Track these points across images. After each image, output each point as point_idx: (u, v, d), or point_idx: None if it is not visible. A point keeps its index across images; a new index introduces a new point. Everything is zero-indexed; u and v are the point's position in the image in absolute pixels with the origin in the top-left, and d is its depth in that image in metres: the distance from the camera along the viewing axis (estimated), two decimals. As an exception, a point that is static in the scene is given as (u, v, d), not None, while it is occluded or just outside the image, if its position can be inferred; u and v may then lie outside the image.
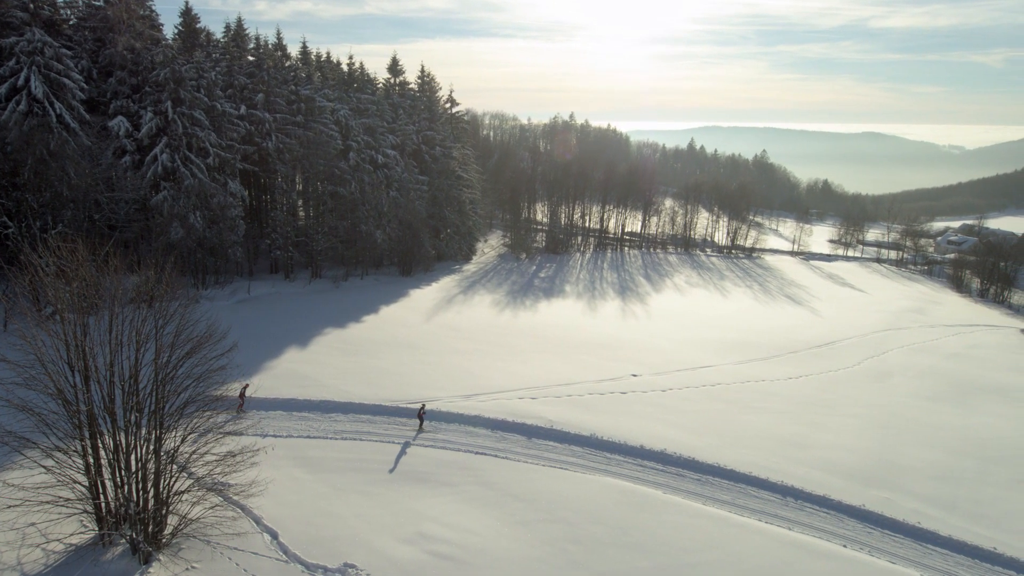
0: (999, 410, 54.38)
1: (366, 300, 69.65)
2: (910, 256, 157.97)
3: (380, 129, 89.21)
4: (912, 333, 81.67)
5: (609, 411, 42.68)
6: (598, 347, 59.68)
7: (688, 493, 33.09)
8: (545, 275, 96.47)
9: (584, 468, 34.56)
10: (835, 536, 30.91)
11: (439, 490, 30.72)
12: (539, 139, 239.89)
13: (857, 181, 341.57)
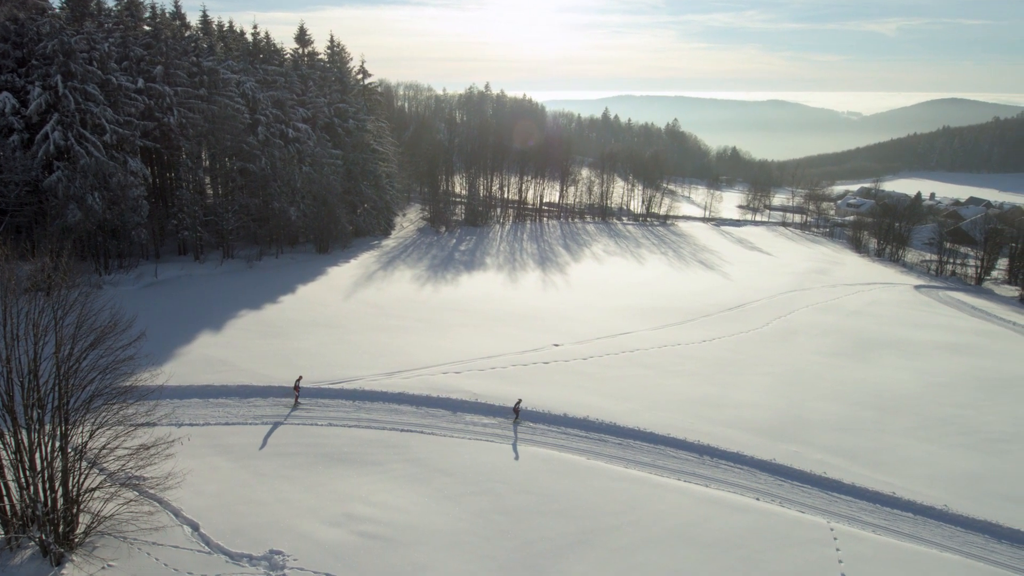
0: (895, 363, 58.14)
1: (282, 280, 67.87)
2: (813, 219, 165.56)
3: (290, 102, 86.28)
4: (816, 293, 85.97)
5: (532, 381, 43.33)
6: (520, 318, 60.24)
7: (610, 458, 34.12)
8: (466, 248, 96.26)
9: (510, 439, 35.08)
10: (749, 490, 32.59)
11: (365, 469, 30.60)
12: (455, 110, 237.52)
13: (764, 148, 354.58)
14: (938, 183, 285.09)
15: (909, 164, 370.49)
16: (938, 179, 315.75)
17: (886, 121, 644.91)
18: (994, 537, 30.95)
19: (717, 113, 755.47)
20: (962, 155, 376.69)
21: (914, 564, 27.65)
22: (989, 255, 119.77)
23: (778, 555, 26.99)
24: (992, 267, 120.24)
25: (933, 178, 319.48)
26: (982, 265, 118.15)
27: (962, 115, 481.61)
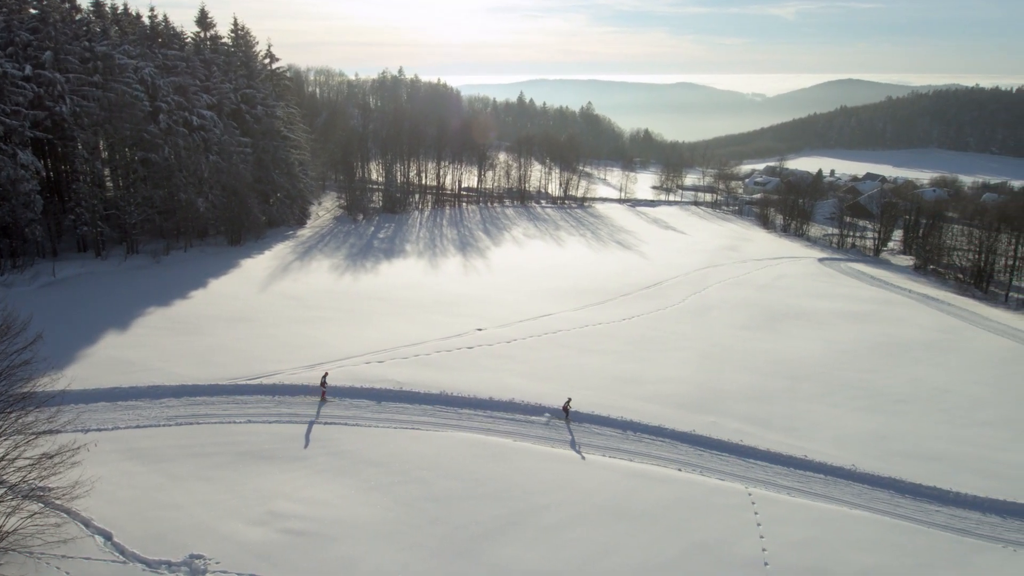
0: (803, 333, 60.94)
1: (192, 274, 65.14)
2: (723, 198, 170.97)
3: (193, 88, 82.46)
4: (728, 269, 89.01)
5: (457, 367, 43.21)
6: (443, 305, 59.90)
7: (537, 438, 34.47)
8: (384, 236, 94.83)
9: (436, 426, 34.91)
10: (671, 461, 33.57)
11: (288, 466, 29.85)
12: (368, 95, 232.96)
13: (675, 129, 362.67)
14: (837, 160, 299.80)
15: (810, 143, 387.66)
16: (837, 156, 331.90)
17: (788, 102, 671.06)
18: (898, 492, 32.99)
19: (629, 96, 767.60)
20: (859, 133, 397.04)
21: (826, 522, 29.16)
22: (885, 227, 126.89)
23: (701, 522, 27.96)
24: (888, 239, 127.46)
25: (833, 156, 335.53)
26: (879, 237, 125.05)
27: (858, 95, 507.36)
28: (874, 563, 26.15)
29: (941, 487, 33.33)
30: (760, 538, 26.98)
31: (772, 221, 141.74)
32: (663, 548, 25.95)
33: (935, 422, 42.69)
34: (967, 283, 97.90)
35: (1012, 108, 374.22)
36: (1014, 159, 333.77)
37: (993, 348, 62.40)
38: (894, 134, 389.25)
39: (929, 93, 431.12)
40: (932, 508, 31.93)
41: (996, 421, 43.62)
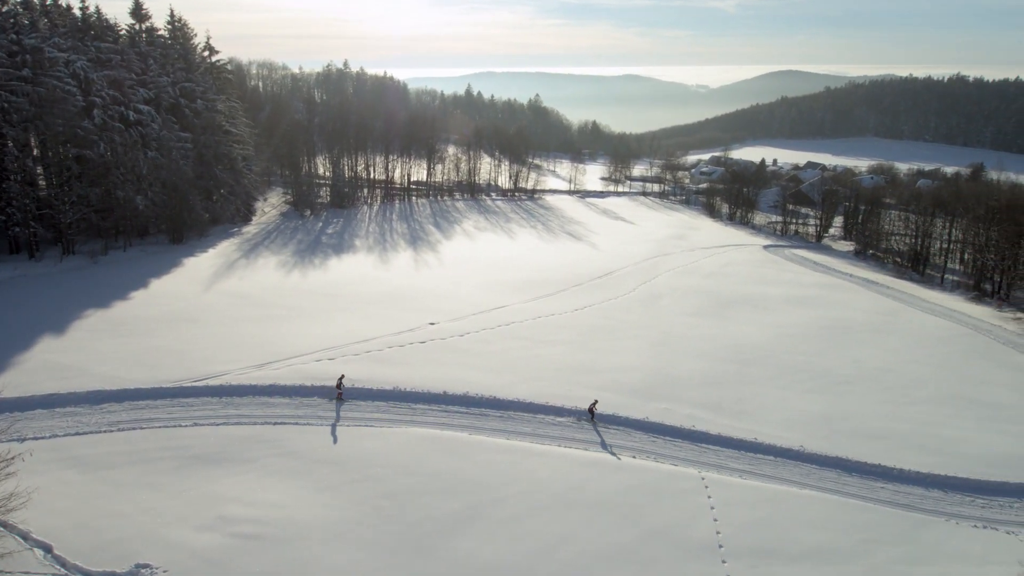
0: (751, 318, 62.19)
1: (133, 274, 62.96)
2: (670, 188, 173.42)
3: (128, 82, 79.55)
4: (676, 258, 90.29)
5: (410, 362, 42.77)
6: (394, 299, 59.23)
7: (492, 431, 34.35)
8: (333, 231, 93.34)
9: (390, 422, 34.48)
10: (625, 449, 33.86)
11: (238, 468, 29.07)
12: (314, 89, 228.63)
13: (622, 121, 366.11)
14: (780, 150, 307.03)
15: (753, 133, 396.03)
16: (779, 146, 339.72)
17: (731, 93, 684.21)
18: (845, 471, 33.94)
19: (576, 88, 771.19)
20: (799, 123, 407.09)
21: (776, 502, 29.79)
22: (826, 214, 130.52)
23: (656, 508, 28.26)
24: (830, 225, 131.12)
25: (775, 145, 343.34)
26: (821, 224, 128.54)
27: (798, 86, 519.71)
28: (823, 541, 26.83)
29: (885, 464, 34.41)
30: (714, 521, 27.41)
31: (718, 210, 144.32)
32: (619, 535, 26.13)
33: (878, 401, 44.05)
34: (905, 266, 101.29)
35: (943, 97, 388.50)
36: (946, 146, 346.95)
37: (930, 328, 64.71)
38: (833, 123, 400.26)
39: (865, 83, 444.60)
40: (877, 485, 32.93)
41: (935, 399, 45.25)
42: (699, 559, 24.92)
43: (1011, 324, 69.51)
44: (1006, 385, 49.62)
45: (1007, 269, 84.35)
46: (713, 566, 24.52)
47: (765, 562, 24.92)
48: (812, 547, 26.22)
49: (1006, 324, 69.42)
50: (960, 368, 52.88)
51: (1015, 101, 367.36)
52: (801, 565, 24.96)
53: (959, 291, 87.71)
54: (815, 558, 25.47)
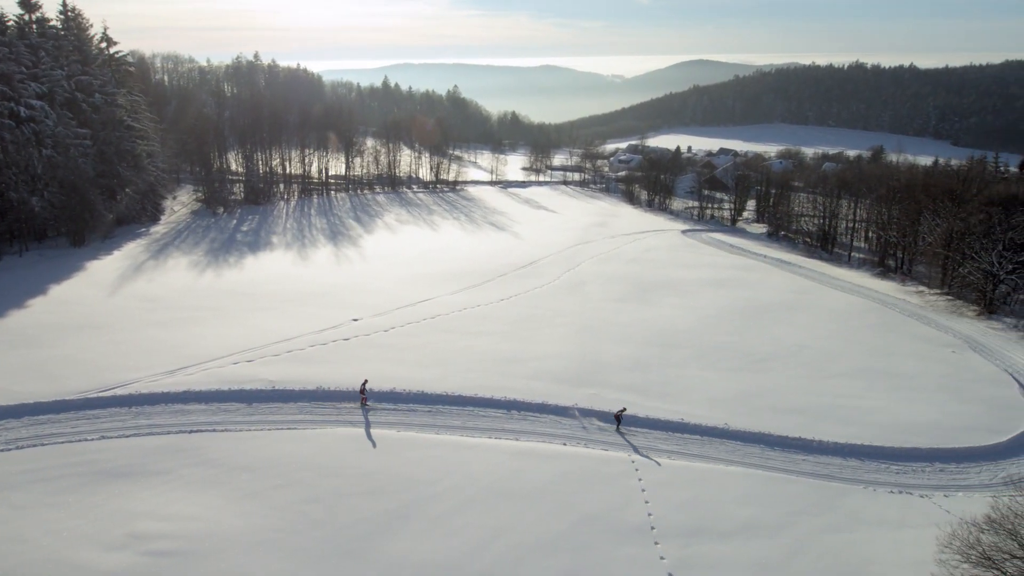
0: (672, 302, 63.37)
1: (30, 280, 58.83)
2: (591, 177, 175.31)
3: (18, 76, 74.16)
4: (598, 245, 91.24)
5: (333, 360, 41.50)
6: (315, 296, 57.48)
7: (421, 426, 33.64)
8: (248, 228, 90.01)
9: (314, 423, 33.30)
10: (556, 437, 33.76)
11: (150, 481, 27.40)
12: (223, 82, 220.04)
13: (540, 111, 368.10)
14: (694, 137, 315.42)
15: (668, 121, 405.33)
16: (693, 133, 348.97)
17: (646, 82, 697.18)
18: (768, 446, 34.85)
19: (495, 79, 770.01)
20: (711, 111, 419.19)
21: (705, 481, 30.26)
22: (740, 198, 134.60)
23: (588, 495, 28.23)
24: (743, 209, 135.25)
25: (689, 133, 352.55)
26: (735, 208, 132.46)
27: (709, 75, 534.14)
28: (751, 515, 27.40)
29: (805, 437, 35.54)
30: (645, 503, 27.61)
31: (637, 197, 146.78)
32: (553, 524, 25.97)
33: (796, 377, 45.55)
34: (814, 246, 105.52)
35: (844, 84, 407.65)
36: (848, 130, 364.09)
37: (841, 305, 67.48)
38: (743, 111, 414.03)
39: (772, 71, 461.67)
40: (799, 458, 33.96)
41: (849, 372, 47.13)
42: (633, 542, 25.02)
43: (914, 297, 73.29)
44: (911, 355, 52.18)
45: (908, 245, 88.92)
46: (646, 548, 24.66)
47: (696, 541, 25.25)
48: (741, 523, 26.74)
49: (909, 297, 73.15)
50: (870, 341, 55.31)
51: (909, 87, 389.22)
52: (731, 541, 25.41)
53: (865, 268, 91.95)
54: (744, 533, 25.98)
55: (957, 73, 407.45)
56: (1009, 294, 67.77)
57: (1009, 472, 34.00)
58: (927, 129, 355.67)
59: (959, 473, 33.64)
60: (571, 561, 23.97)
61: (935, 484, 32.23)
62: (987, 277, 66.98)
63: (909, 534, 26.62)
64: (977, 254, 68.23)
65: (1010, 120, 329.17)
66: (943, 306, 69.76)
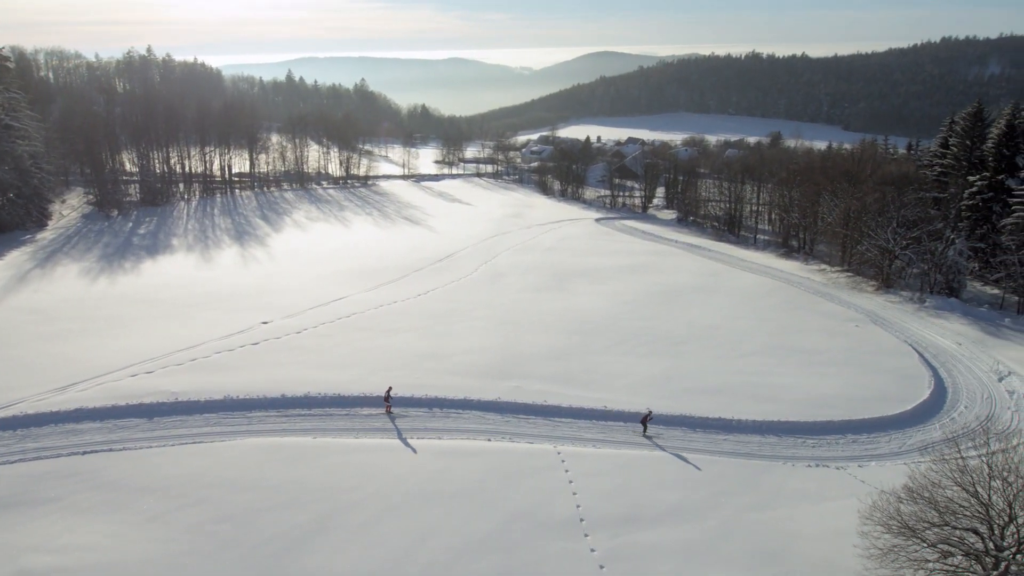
0: (590, 289, 63.65)
1: None
2: (504, 168, 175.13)
3: None
4: (514, 236, 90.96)
5: (242, 367, 39.31)
6: (221, 300, 54.58)
7: (340, 431, 32.21)
8: (146, 231, 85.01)
9: (223, 435, 31.29)
10: (480, 433, 32.99)
11: (39, 511, 24.96)
12: (114, 78, 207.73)
13: (450, 104, 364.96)
14: (602, 127, 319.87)
15: (577, 112, 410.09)
16: (601, 124, 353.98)
17: (553, 74, 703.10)
18: (690, 428, 35.16)
19: (403, 72, 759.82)
20: (618, 101, 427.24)
21: (631, 468, 30.15)
22: (649, 186, 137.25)
23: (516, 490, 27.59)
24: (653, 196, 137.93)
25: (597, 123, 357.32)
26: (645, 195, 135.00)
27: (614, 66, 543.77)
28: (677, 500, 27.42)
29: (725, 417, 36.07)
30: (573, 495, 27.20)
31: (551, 187, 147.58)
32: (482, 523, 25.18)
33: (712, 358, 46.39)
34: (722, 230, 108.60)
35: (742, 73, 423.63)
36: (748, 118, 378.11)
37: (750, 285, 69.52)
38: (648, 101, 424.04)
39: (674, 62, 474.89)
40: (720, 438, 34.43)
41: (762, 350, 48.40)
42: (563, 536, 24.53)
43: (817, 275, 76.38)
44: (819, 331, 54.14)
45: (809, 226, 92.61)
46: (576, 542, 24.22)
47: (626, 530, 25.00)
48: (668, 508, 26.70)
49: (813, 276, 76.18)
50: (779, 319, 57.09)
51: (802, 75, 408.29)
52: (660, 528, 25.30)
53: (770, 249, 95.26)
54: (673, 518, 25.94)
55: (845, 61, 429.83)
56: (904, 269, 71.39)
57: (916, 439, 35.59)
58: (820, 115, 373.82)
59: (870, 443, 34.90)
60: (501, 562, 23.26)
61: (849, 455, 33.30)
62: (883, 253, 70.37)
63: (829, 506, 27.25)
64: (873, 232, 71.55)
65: (895, 105, 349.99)
66: (844, 282, 72.97)
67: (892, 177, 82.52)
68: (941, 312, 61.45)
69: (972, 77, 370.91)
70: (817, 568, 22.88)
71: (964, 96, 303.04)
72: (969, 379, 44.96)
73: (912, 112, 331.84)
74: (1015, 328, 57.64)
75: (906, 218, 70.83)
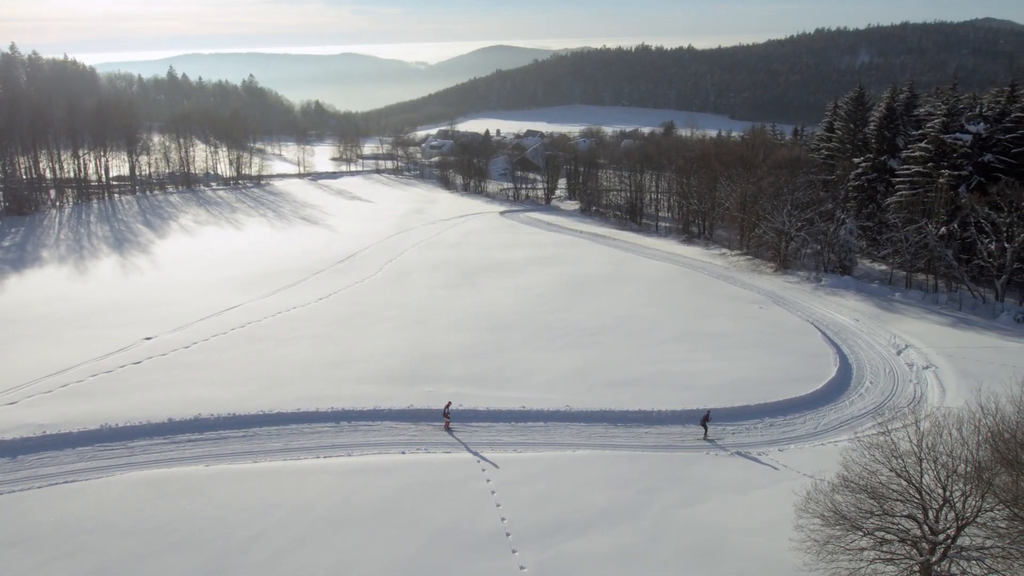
0: (499, 284, 62.21)
1: None
2: (404, 164, 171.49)
3: None
4: (418, 232, 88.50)
5: (122, 390, 35.39)
6: (97, 315, 49.67)
7: (235, 455, 29.19)
8: (11, 243, 77.31)
9: (101, 471, 27.67)
10: (393, 446, 30.77)
11: None
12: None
13: (345, 100, 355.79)
14: (501, 121, 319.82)
15: (475, 106, 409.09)
16: (500, 117, 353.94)
17: (449, 68, 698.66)
18: (611, 423, 34.16)
19: (295, 69, 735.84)
20: (515, 95, 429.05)
21: (555, 471, 28.69)
22: (551, 177, 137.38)
23: (436, 506, 25.59)
24: (555, 187, 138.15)
25: (496, 117, 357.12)
26: (547, 187, 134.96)
27: (510, 60, 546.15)
28: (605, 501, 26.15)
29: (645, 409, 35.31)
30: (497, 507, 25.46)
31: (453, 182, 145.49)
32: (400, 548, 23.03)
33: (626, 347, 45.82)
34: (624, 219, 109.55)
35: (633, 65, 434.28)
36: (640, 109, 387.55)
37: (656, 273, 69.98)
38: (544, 94, 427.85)
39: (568, 56, 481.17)
40: (642, 431, 33.58)
41: (674, 337, 48.28)
42: (489, 554, 22.74)
43: (718, 260, 77.87)
44: (726, 315, 54.71)
45: (708, 212, 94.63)
46: (504, 559, 22.49)
47: (555, 540, 23.46)
48: (597, 511, 25.38)
49: (714, 260, 77.62)
50: (687, 305, 57.42)
51: (689, 66, 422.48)
52: (590, 534, 23.92)
53: (672, 235, 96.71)
54: (602, 522, 24.63)
55: (729, 53, 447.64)
56: (799, 249, 73.73)
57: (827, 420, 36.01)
58: (708, 105, 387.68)
59: (787, 426, 34.96)
60: (424, 587, 21.28)
61: (769, 440, 33.15)
62: (779, 235, 72.39)
63: (756, 496, 26.73)
64: (769, 215, 73.49)
65: (775, 94, 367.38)
66: (744, 265, 74.68)
67: (784, 161, 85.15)
68: (837, 290, 63.64)
69: (844, 66, 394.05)
70: (753, 563, 22.13)
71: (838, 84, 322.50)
72: (871, 354, 46.31)
73: (792, 100, 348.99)
74: (905, 302, 60.31)
75: (799, 200, 73.12)
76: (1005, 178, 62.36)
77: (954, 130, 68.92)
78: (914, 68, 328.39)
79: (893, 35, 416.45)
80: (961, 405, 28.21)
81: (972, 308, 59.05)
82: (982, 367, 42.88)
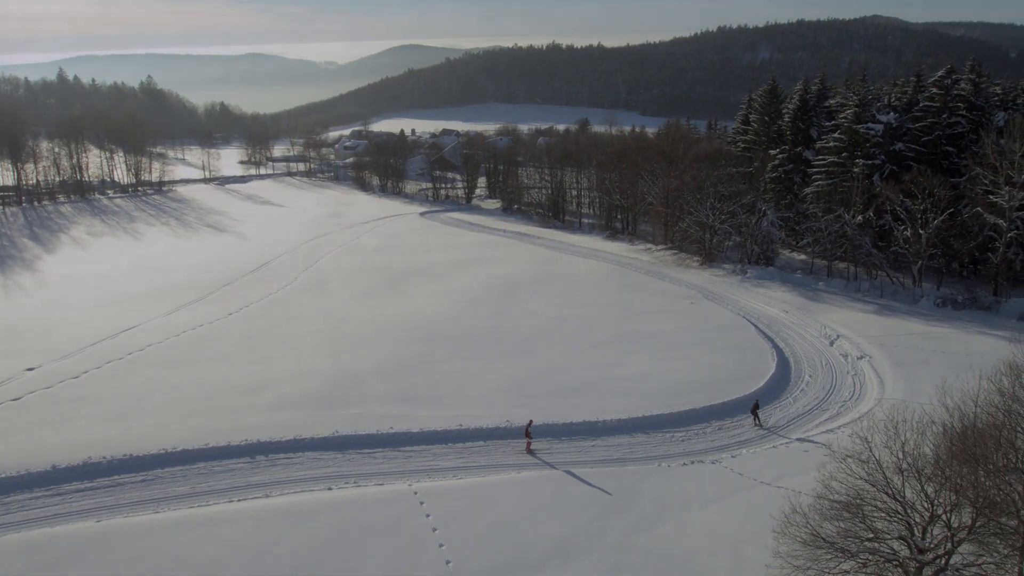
0: (424, 289, 59.26)
1: None
2: (317, 166, 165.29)
3: None
4: (336, 237, 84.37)
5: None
6: (-30, 345, 43.97)
7: (133, 506, 25.26)
8: None
9: (-36, 535, 23.39)
10: (318, 480, 27.50)
11: None
12: None
13: (251, 101, 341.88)
14: (415, 120, 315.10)
15: (388, 106, 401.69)
16: (414, 116, 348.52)
17: (360, 68, 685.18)
18: (555, 438, 31.88)
19: (197, 70, 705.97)
20: (428, 94, 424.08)
21: (500, 500, 26.07)
22: (471, 176, 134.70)
23: (370, 552, 22.57)
24: (475, 186, 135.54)
25: (410, 116, 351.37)
26: (467, 186, 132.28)
27: (421, 59, 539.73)
28: (558, 532, 23.65)
29: (589, 420, 33.25)
30: (440, 547, 22.65)
31: (369, 183, 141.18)
32: (330, 605, 20.05)
33: (563, 352, 43.84)
34: (547, 216, 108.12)
35: (545, 64, 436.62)
36: (553, 106, 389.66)
37: (584, 271, 68.50)
38: (458, 92, 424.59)
39: (481, 54, 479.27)
40: (588, 444, 31.47)
41: (610, 339, 46.60)
42: (434, 605, 20.02)
43: (644, 255, 77.14)
44: (658, 312, 53.56)
45: (630, 207, 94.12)
46: (452, 610, 19.83)
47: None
48: (551, 544, 22.92)
49: (640, 256, 76.84)
50: (619, 304, 56.00)
51: (600, 64, 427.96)
52: (545, 573, 21.49)
53: (596, 232, 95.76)
54: (558, 557, 22.16)
55: (637, 50, 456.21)
56: (723, 242, 73.77)
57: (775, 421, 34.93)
58: (620, 101, 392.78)
59: (735, 428, 33.59)
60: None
61: (719, 446, 31.60)
62: (703, 228, 72.17)
63: (715, 511, 24.94)
64: (693, 208, 73.19)
65: (683, 90, 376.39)
66: (670, 260, 74.23)
67: (705, 155, 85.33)
68: (762, 281, 63.66)
69: (747, 62, 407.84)
70: (723, 591, 20.27)
71: (741, 80, 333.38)
72: (805, 347, 45.88)
73: (699, 95, 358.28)
74: (829, 291, 60.78)
75: (721, 193, 73.09)
76: (916, 166, 63.79)
77: (866, 120, 70.27)
78: (811, 64, 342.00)
79: (790, 32, 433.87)
80: (901, 397, 27.33)
81: (893, 295, 60.01)
82: (914, 354, 43.06)
